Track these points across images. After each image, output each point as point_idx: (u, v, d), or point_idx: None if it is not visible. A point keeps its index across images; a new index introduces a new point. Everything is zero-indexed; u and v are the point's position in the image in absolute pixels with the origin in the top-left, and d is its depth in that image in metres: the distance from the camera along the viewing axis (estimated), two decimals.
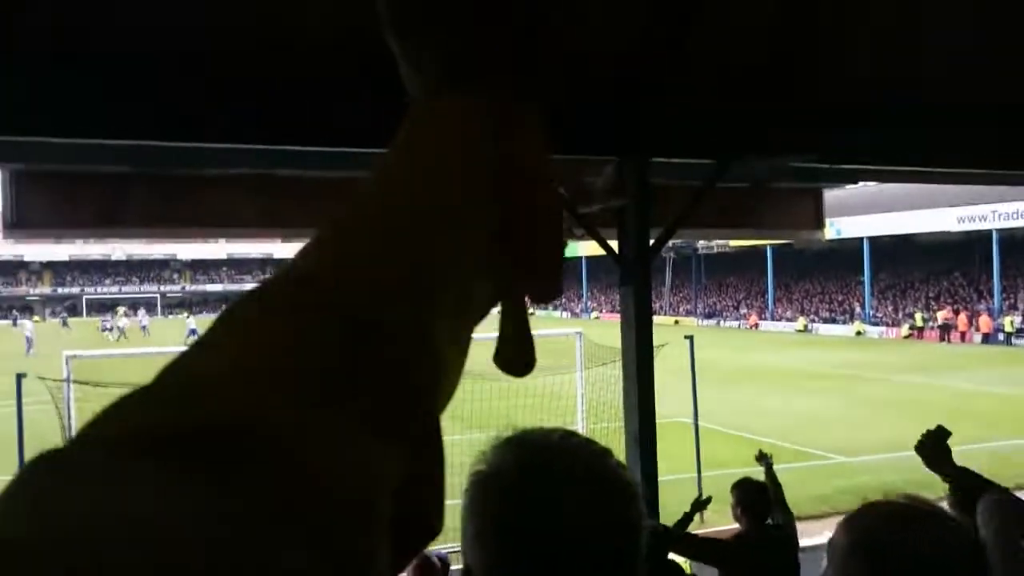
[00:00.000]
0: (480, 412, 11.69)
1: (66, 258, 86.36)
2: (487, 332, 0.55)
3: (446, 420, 0.47)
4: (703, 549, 5.22)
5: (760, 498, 5.25)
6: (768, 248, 55.04)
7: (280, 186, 6.39)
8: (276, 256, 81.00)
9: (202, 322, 47.12)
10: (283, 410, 0.35)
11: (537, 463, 1.02)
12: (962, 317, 43.08)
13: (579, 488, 1.01)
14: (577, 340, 13.82)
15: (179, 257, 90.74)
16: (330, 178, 6.10)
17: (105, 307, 78.39)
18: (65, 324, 67.96)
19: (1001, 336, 40.48)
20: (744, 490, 5.30)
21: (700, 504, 5.54)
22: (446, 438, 0.49)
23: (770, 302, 57.50)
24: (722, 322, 59.08)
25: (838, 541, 1.51)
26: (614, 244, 6.31)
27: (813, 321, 52.47)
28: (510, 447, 1.04)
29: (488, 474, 1.02)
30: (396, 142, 0.49)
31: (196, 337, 0.40)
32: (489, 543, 0.99)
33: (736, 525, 5.43)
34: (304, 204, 6.40)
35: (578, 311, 70.48)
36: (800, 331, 51.11)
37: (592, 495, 1.01)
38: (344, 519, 0.34)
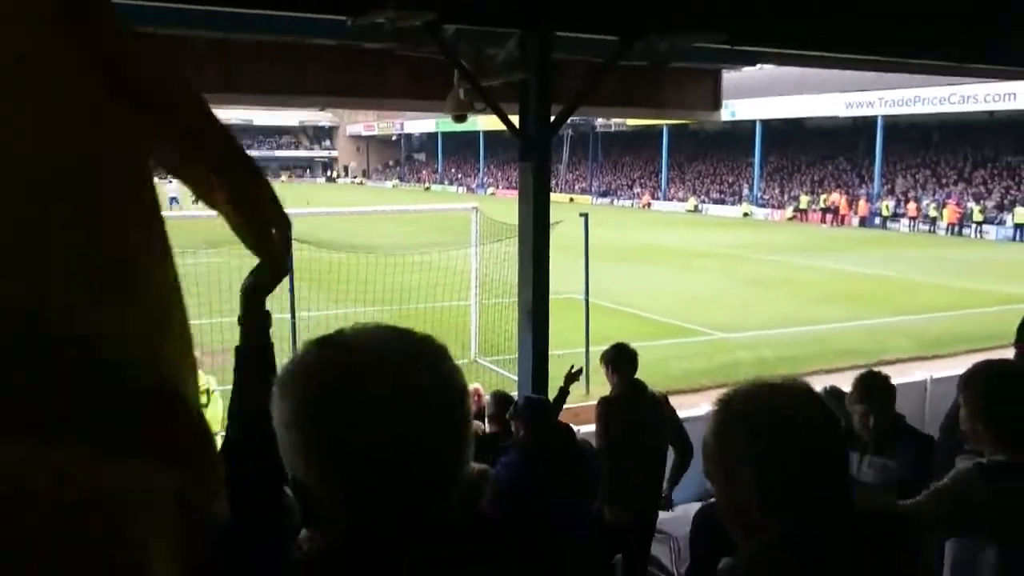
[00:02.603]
0: (373, 288, 11.68)
1: None
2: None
3: (332, 295, 0.47)
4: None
5: (627, 358, 5.57)
6: (664, 128, 55.49)
7: None
8: None
9: None
10: None
11: (353, 362, 0.99)
12: (843, 201, 44.77)
13: (399, 378, 0.99)
14: (473, 216, 13.79)
15: None
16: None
17: None
18: None
19: (877, 220, 42.38)
20: (612, 353, 5.64)
21: (572, 376, 5.78)
22: (335, 311, 0.50)
23: (663, 182, 58.37)
24: (616, 201, 59.83)
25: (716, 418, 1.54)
26: (515, 119, 6.23)
27: (703, 202, 53.66)
28: (322, 347, 1.02)
29: (296, 373, 1.00)
30: None
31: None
32: (312, 450, 0.98)
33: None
34: None
35: (474, 187, 70.17)
36: (690, 211, 52.28)
37: (412, 391, 0.99)
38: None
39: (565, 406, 5.71)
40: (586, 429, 5.96)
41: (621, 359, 5.55)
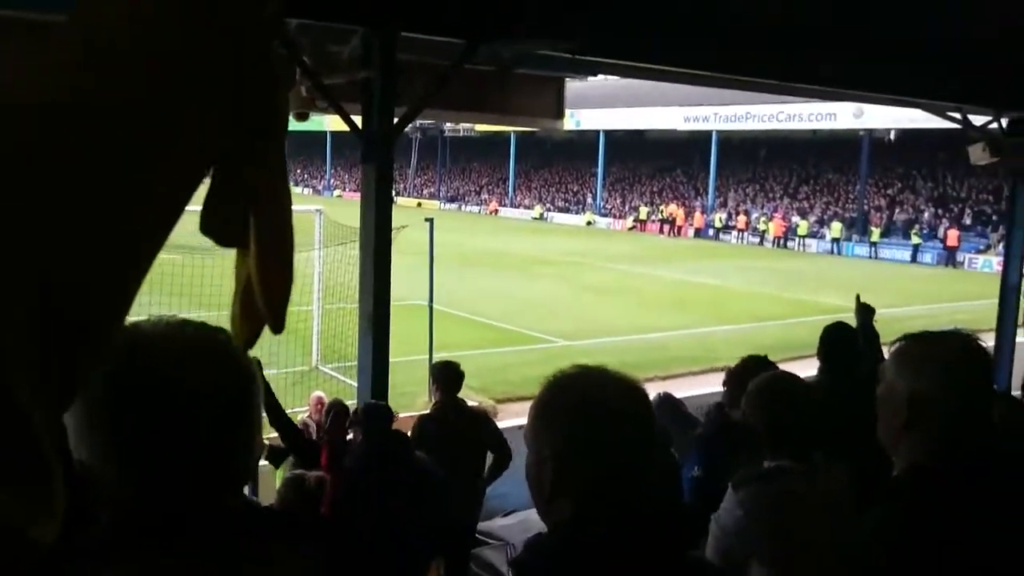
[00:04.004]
0: (210, 291, 11.20)
1: None
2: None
3: (166, 298, 0.42)
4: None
5: (453, 376, 5.78)
6: (512, 136, 56.22)
7: None
8: None
9: None
10: None
11: (137, 344, 1.02)
12: (680, 212, 46.62)
13: (186, 365, 1.03)
14: (316, 218, 13.48)
15: None
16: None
17: None
18: None
19: (711, 231, 44.36)
20: (438, 369, 5.92)
21: None
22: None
23: (511, 189, 59.09)
24: (464, 207, 60.10)
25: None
26: (358, 120, 6.11)
27: (549, 210, 54.65)
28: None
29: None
30: None
31: None
32: (97, 431, 1.00)
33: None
34: None
35: (320, 188, 68.81)
36: (536, 219, 53.13)
37: (192, 375, 1.03)
38: None
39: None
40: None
41: (447, 377, 5.77)
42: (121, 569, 0.99)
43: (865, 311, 5.31)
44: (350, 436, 5.23)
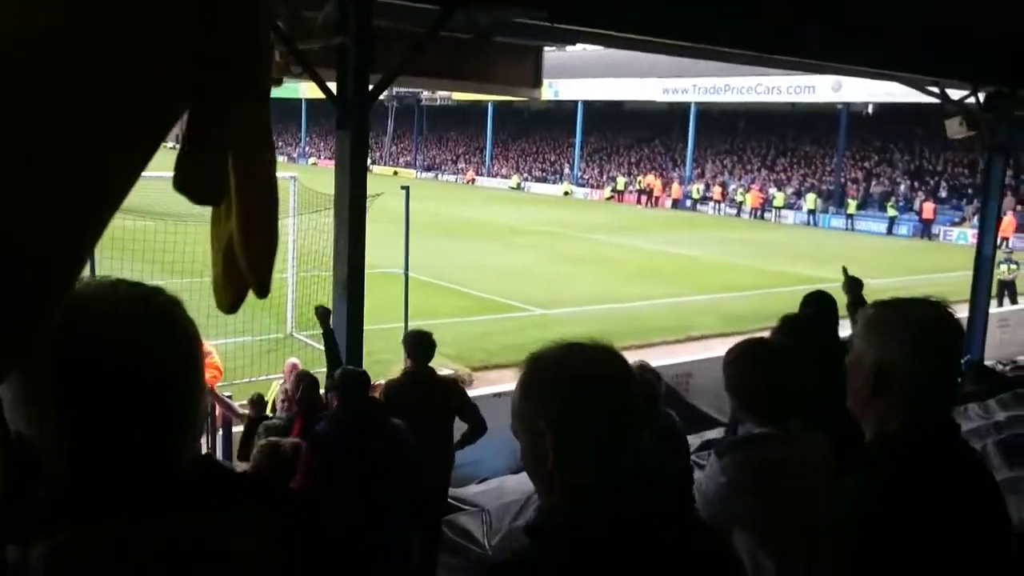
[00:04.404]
0: (183, 259, 11.10)
1: None
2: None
3: (137, 265, 0.39)
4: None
5: (424, 344, 5.80)
6: (489, 105, 55.87)
7: None
8: None
9: None
10: None
11: (73, 306, 0.96)
12: (657, 183, 46.65)
13: (120, 328, 0.99)
14: (291, 185, 13.34)
15: None
16: None
17: None
18: None
19: (688, 203, 44.44)
20: (410, 337, 5.97)
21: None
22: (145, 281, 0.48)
23: (488, 159, 58.84)
24: (440, 176, 59.81)
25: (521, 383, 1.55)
26: (333, 87, 6.03)
27: (526, 180, 54.52)
28: None
29: None
30: None
31: None
32: (31, 400, 0.95)
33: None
34: None
35: (295, 156, 68.22)
36: (513, 188, 53.00)
37: (135, 335, 0.99)
38: None
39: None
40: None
41: (418, 346, 5.77)
42: (53, 543, 0.94)
43: (854, 284, 5.30)
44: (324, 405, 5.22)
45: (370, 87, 5.93)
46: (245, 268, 0.78)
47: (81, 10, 0.44)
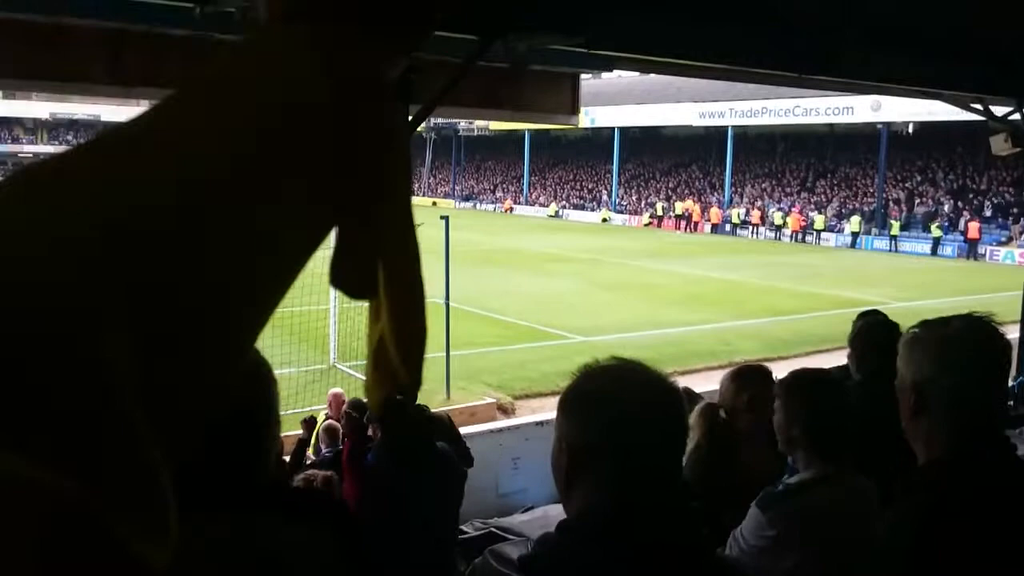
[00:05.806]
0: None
1: None
2: None
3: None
4: None
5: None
6: (526, 133, 56.17)
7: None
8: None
9: None
10: None
11: None
12: (696, 208, 46.43)
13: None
14: None
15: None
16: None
17: None
18: None
19: (728, 227, 44.15)
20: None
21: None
22: None
23: (525, 187, 59.04)
24: (479, 205, 60.11)
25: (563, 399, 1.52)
26: None
27: (564, 207, 54.57)
28: None
29: None
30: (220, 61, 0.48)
31: None
32: None
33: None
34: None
35: None
36: (552, 216, 53.06)
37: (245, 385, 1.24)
38: None
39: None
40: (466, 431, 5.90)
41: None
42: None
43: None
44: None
45: (409, 118, 5.98)
46: (398, 361, 0.79)
47: (270, 139, 0.45)
